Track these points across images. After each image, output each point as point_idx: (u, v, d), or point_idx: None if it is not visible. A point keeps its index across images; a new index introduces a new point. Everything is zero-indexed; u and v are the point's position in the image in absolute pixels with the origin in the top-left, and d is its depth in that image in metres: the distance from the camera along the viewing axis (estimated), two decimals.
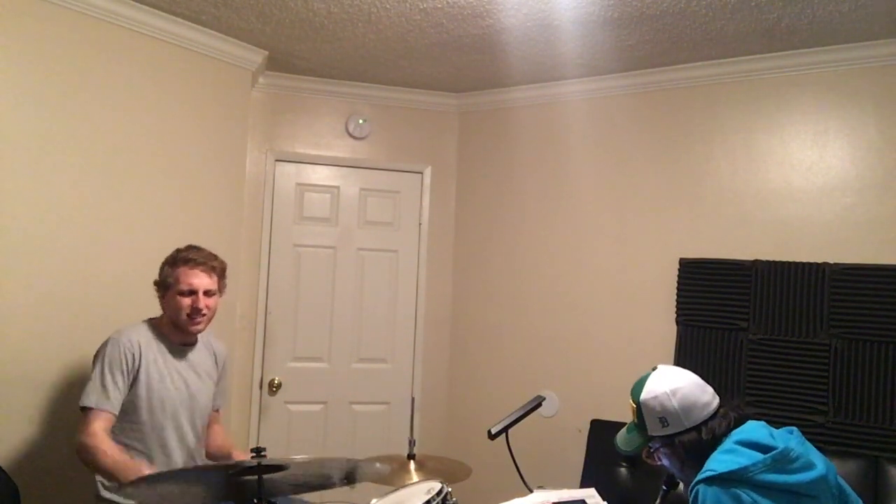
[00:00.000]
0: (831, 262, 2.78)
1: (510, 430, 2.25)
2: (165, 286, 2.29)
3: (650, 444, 1.70)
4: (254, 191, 3.51)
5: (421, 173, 3.85)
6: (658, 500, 1.77)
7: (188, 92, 3.01)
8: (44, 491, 2.48)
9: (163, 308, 2.33)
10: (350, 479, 1.85)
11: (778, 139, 2.98)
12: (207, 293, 2.27)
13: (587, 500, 1.79)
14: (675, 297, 3.13)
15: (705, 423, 1.61)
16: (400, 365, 3.78)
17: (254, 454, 1.72)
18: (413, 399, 2.67)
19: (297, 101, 3.64)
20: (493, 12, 2.66)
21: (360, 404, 3.71)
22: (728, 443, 1.55)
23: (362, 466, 1.83)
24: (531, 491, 1.87)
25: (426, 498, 1.68)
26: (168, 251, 2.90)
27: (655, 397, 1.65)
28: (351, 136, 3.71)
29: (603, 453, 3.08)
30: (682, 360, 3.07)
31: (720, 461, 1.50)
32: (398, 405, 3.73)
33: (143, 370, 2.20)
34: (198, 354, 2.40)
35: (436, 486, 1.75)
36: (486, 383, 3.70)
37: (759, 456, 1.47)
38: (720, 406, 1.65)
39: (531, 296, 3.59)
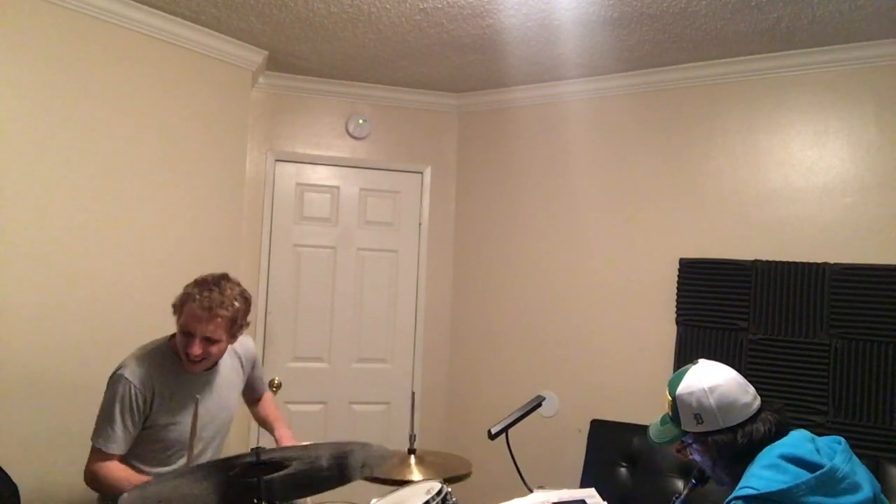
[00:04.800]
0: (831, 262, 2.78)
1: (510, 430, 2.25)
2: (176, 313, 2.12)
3: (683, 439, 1.64)
4: (254, 191, 3.51)
5: (421, 173, 3.85)
6: (685, 493, 1.71)
7: (188, 92, 3.01)
8: (44, 491, 2.48)
9: None
10: (352, 470, 1.85)
11: (778, 139, 2.98)
12: (208, 340, 2.08)
13: (587, 500, 1.79)
14: (675, 297, 3.13)
15: (742, 425, 1.53)
16: (400, 365, 3.78)
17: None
18: (413, 394, 2.66)
19: (297, 101, 3.64)
20: (493, 12, 2.66)
21: (360, 404, 3.71)
22: (771, 455, 1.46)
23: (361, 451, 1.82)
24: (531, 491, 1.87)
25: (426, 498, 1.67)
26: (167, 251, 2.92)
27: (692, 393, 1.58)
28: (351, 136, 3.71)
29: (603, 453, 3.08)
30: (682, 360, 3.06)
31: (762, 478, 1.41)
32: (398, 405, 3.73)
33: (157, 409, 2.11)
34: (219, 371, 2.27)
35: (436, 485, 1.75)
36: (486, 383, 3.70)
37: (804, 475, 1.38)
38: (761, 409, 1.57)
39: (531, 296, 3.58)
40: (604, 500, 1.80)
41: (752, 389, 1.61)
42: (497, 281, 3.71)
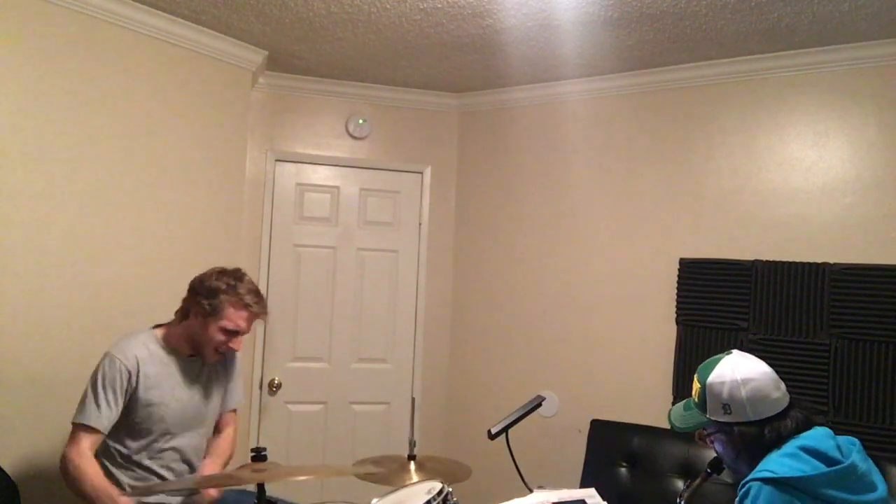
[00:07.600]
0: (831, 262, 2.78)
1: (510, 430, 2.25)
2: (208, 310, 2.13)
3: (707, 427, 1.64)
4: (254, 191, 3.51)
5: (421, 173, 3.85)
6: (698, 481, 1.71)
7: (188, 92, 3.01)
8: (44, 491, 2.48)
9: (191, 318, 2.19)
10: None
11: (778, 139, 2.98)
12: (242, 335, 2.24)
13: (587, 500, 1.79)
14: (675, 297, 3.13)
15: (770, 420, 1.54)
16: (400, 365, 3.78)
17: (254, 454, 1.72)
18: (413, 399, 2.67)
19: (297, 101, 3.64)
20: (493, 12, 2.66)
21: (360, 404, 3.71)
22: (790, 446, 1.48)
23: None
24: (531, 491, 1.87)
25: (426, 498, 1.68)
26: (168, 251, 2.92)
27: (724, 382, 1.58)
28: (351, 136, 3.71)
29: (603, 453, 3.08)
30: (682, 360, 3.07)
31: (781, 464, 1.43)
32: (398, 405, 3.73)
33: (140, 389, 2.12)
34: (209, 366, 2.32)
35: (436, 486, 1.75)
36: (486, 383, 3.70)
37: (822, 467, 1.40)
38: (790, 405, 1.58)
39: (531, 296, 3.58)
40: (604, 500, 1.80)
41: (783, 386, 1.61)
42: (497, 281, 3.71)
